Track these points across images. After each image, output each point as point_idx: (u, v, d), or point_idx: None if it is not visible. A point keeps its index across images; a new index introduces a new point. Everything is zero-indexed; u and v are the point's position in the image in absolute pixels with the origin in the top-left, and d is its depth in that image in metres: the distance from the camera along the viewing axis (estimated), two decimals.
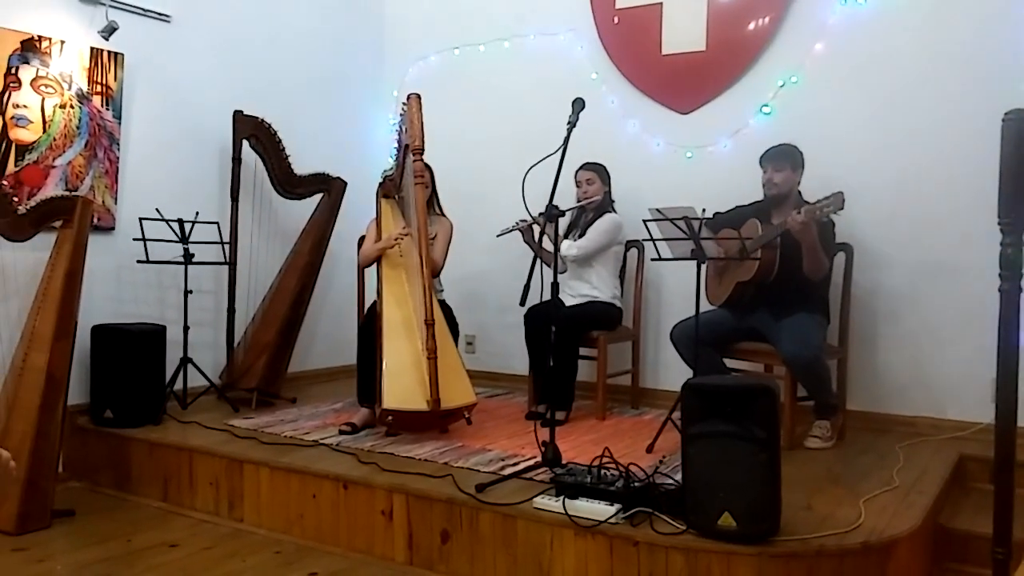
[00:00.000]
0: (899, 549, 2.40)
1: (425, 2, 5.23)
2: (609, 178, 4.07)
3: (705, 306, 3.36)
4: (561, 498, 2.53)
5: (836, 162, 3.72)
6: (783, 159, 3.50)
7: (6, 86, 3.48)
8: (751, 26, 4.14)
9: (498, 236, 4.08)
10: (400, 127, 3.75)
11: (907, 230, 3.77)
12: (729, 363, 3.63)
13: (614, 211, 4.06)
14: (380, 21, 5.39)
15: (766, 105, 4.09)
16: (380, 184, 3.92)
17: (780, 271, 3.40)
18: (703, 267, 3.25)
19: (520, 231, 4.01)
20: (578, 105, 3.17)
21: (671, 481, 2.65)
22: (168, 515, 3.33)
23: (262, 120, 4.30)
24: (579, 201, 4.00)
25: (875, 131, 3.83)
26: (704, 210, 3.23)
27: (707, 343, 3.37)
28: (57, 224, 3.40)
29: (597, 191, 4.01)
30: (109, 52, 3.84)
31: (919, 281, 3.75)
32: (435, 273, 3.74)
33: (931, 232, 3.72)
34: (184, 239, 3.89)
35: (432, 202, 3.90)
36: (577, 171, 4.02)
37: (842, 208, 3.13)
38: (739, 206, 3.69)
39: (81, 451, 3.69)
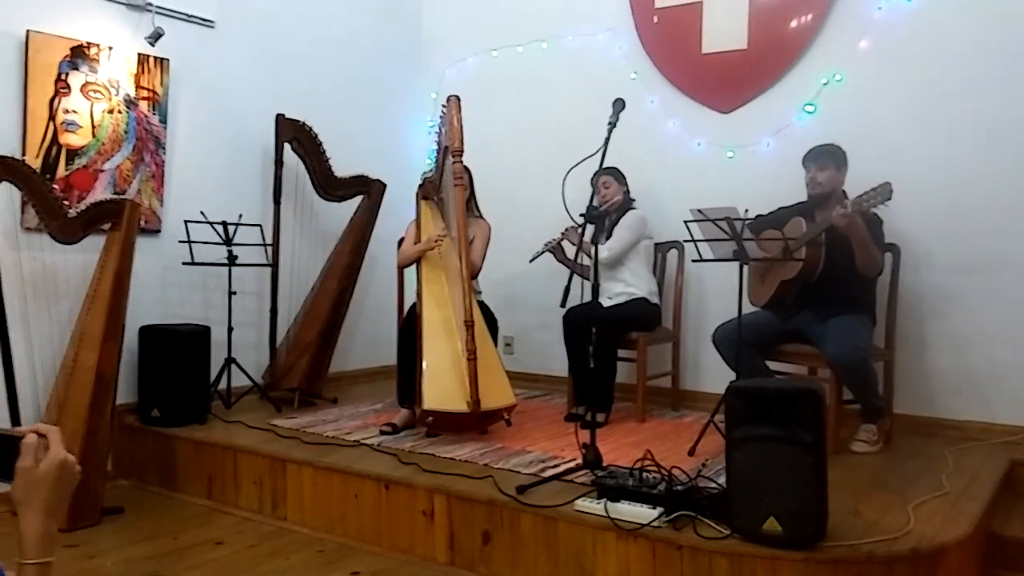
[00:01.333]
0: (949, 556, 2.35)
1: (463, 4, 5.25)
2: (624, 179, 4.07)
3: (747, 307, 3.32)
4: (603, 501, 2.51)
5: (881, 160, 3.65)
6: (826, 158, 3.45)
7: (56, 92, 3.57)
8: (793, 23, 4.08)
9: (530, 261, 4.10)
10: (439, 129, 3.77)
11: (955, 228, 3.69)
12: (772, 365, 3.59)
13: (634, 208, 4.05)
14: (418, 24, 5.43)
15: (809, 103, 4.03)
16: (419, 186, 3.95)
17: (825, 270, 3.34)
18: (745, 268, 3.21)
19: (551, 252, 4.02)
20: (618, 106, 3.15)
21: (714, 485, 2.62)
22: (213, 513, 3.39)
23: (303, 123, 4.35)
24: (600, 206, 3.99)
25: (921, 128, 3.75)
26: (747, 210, 3.19)
27: (750, 345, 3.33)
28: (106, 227, 3.47)
29: (616, 193, 4.03)
30: (155, 58, 3.91)
31: (968, 280, 3.67)
32: (474, 275, 3.75)
33: (980, 230, 3.63)
34: (228, 241, 3.95)
35: (471, 204, 3.92)
36: (594, 177, 4.00)
37: (890, 198, 3.07)
38: (782, 207, 3.64)
39: (129, 449, 3.77)
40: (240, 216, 4.02)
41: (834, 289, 3.34)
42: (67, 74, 3.60)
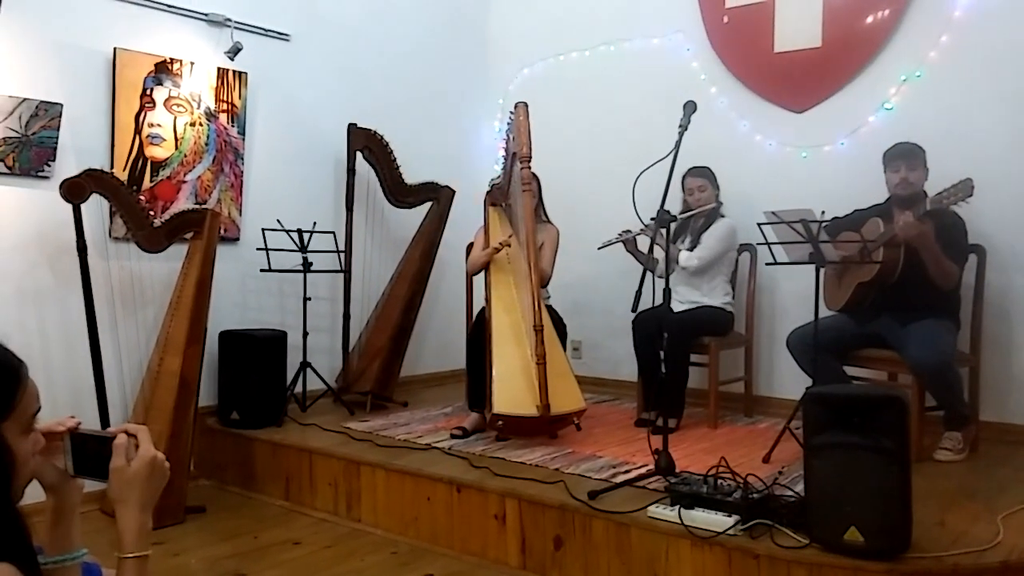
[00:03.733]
0: None
1: (528, 10, 5.27)
2: (717, 183, 3.98)
3: (823, 311, 3.24)
4: (677, 508, 2.49)
5: (964, 159, 3.51)
6: (917, 158, 3.34)
7: (142, 106, 3.72)
8: (870, 19, 3.97)
9: (599, 248, 4.05)
10: (507, 135, 3.79)
11: None
12: (849, 371, 3.49)
13: (724, 215, 3.97)
14: (484, 31, 5.47)
15: (887, 102, 3.92)
16: (488, 192, 3.98)
17: (904, 272, 3.24)
18: (821, 271, 3.14)
19: (623, 243, 3.97)
20: (690, 108, 3.12)
21: (791, 493, 2.56)
22: (290, 513, 3.47)
23: (375, 132, 4.43)
24: (691, 209, 3.92)
25: (1006, 125, 3.61)
26: (823, 212, 3.12)
27: (826, 350, 3.24)
28: (188, 236, 3.60)
29: (710, 198, 3.92)
30: (234, 71, 4.05)
31: None
32: (544, 282, 3.76)
33: None
34: (303, 248, 4.05)
35: (539, 210, 3.92)
36: (685, 177, 3.94)
37: (971, 195, 2.96)
38: (857, 210, 3.55)
39: (210, 451, 3.89)
40: (314, 224, 4.11)
41: (915, 292, 3.24)
42: (152, 89, 3.75)
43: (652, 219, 3.18)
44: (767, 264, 3.37)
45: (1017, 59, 3.59)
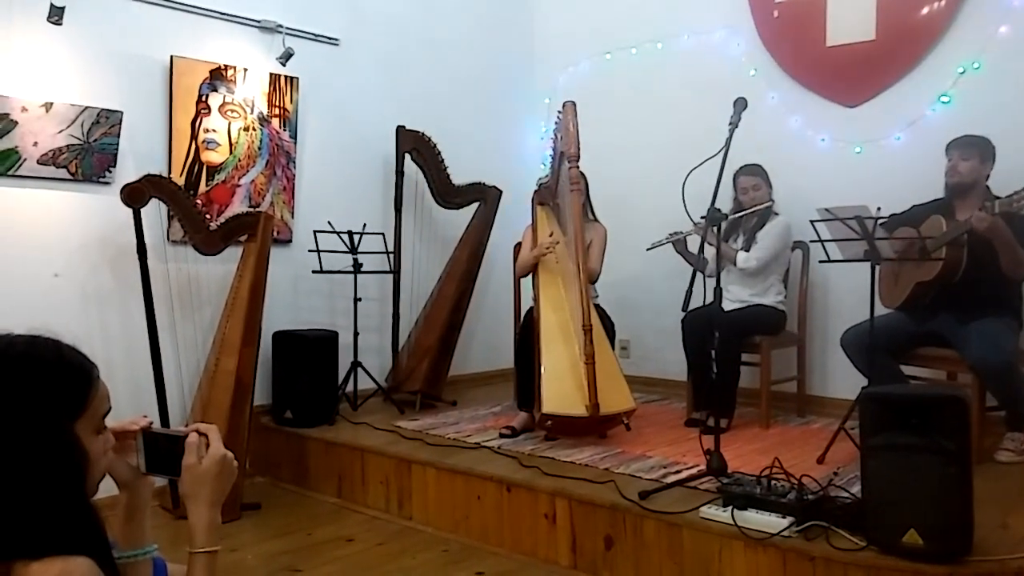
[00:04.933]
0: None
1: (574, 8, 5.26)
2: (770, 181, 3.91)
3: (879, 309, 3.18)
4: (730, 508, 2.46)
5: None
6: (971, 147, 3.26)
7: (198, 113, 3.81)
8: (925, 11, 3.88)
9: (648, 249, 4.03)
10: (555, 134, 3.79)
11: None
12: (906, 370, 3.42)
13: (777, 213, 3.91)
14: (530, 30, 5.48)
15: (944, 94, 3.82)
16: (535, 191, 3.98)
17: (967, 271, 3.16)
18: (877, 269, 3.08)
19: (672, 243, 3.93)
20: (740, 105, 3.09)
21: (847, 494, 2.52)
22: (343, 511, 3.53)
23: (422, 134, 4.47)
24: (744, 207, 3.86)
25: None
26: (879, 208, 3.06)
27: (883, 349, 3.19)
28: (243, 238, 3.68)
29: (764, 196, 3.84)
30: (286, 76, 4.12)
31: None
32: (592, 280, 3.75)
33: None
34: (353, 249, 4.10)
35: (587, 209, 3.92)
36: (737, 176, 3.88)
37: None
38: (916, 205, 3.47)
39: (264, 449, 3.97)
40: (364, 225, 4.17)
41: (976, 291, 3.15)
42: (207, 95, 3.84)
43: (702, 218, 3.15)
44: (820, 261, 3.32)
45: None
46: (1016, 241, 3.06)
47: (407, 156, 4.48)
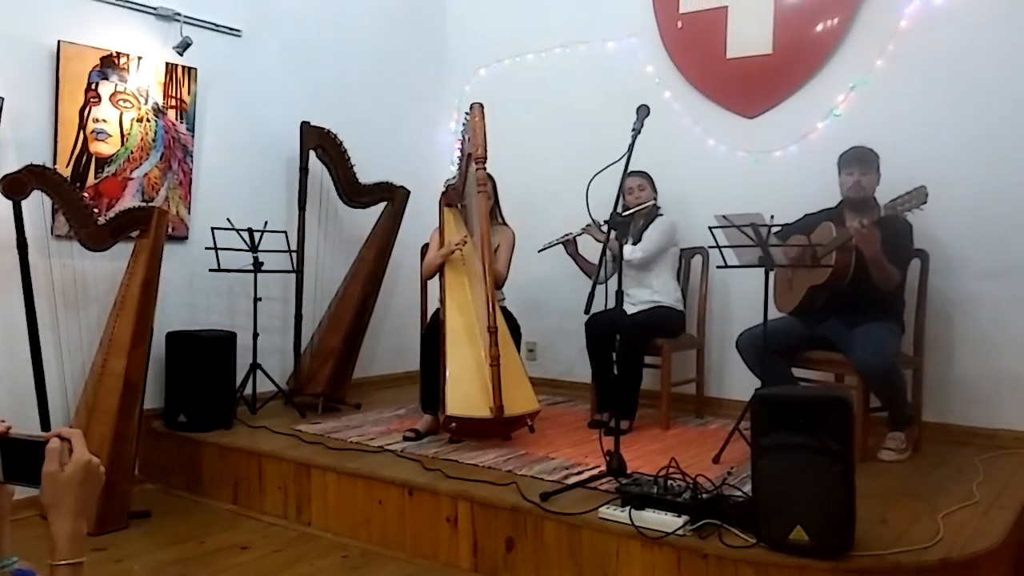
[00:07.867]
0: (980, 567, 2.31)
1: (485, 12, 5.26)
2: (655, 185, 4.04)
3: (772, 313, 3.29)
4: (627, 508, 2.50)
5: (911, 165, 3.59)
6: (870, 162, 3.42)
7: (87, 101, 3.62)
8: (819, 27, 4.05)
9: (540, 251, 4.08)
10: (463, 136, 3.78)
11: (987, 232, 3.63)
12: (797, 372, 3.55)
13: (662, 213, 4.04)
14: (442, 31, 5.45)
15: (836, 108, 4.00)
16: (443, 193, 3.96)
17: (855, 274, 3.30)
18: (771, 274, 3.18)
19: (563, 245, 4.01)
20: (643, 112, 3.14)
21: (740, 493, 2.60)
22: (239, 517, 3.41)
23: (328, 131, 4.38)
24: (629, 208, 3.96)
25: (953, 132, 3.70)
26: (772, 216, 3.17)
27: (775, 352, 3.30)
28: (134, 234, 3.52)
29: (649, 197, 4.00)
30: (183, 67, 3.96)
31: (1000, 285, 3.61)
32: (499, 284, 3.75)
33: (1013, 234, 3.58)
34: (254, 248, 3.98)
35: (495, 212, 3.92)
36: (625, 178, 3.97)
37: (925, 202, 3.01)
38: (808, 214, 3.61)
39: (155, 454, 3.80)
40: (265, 223, 4.05)
41: (862, 295, 3.31)
42: (97, 84, 3.65)
43: (592, 221, 3.21)
44: (718, 267, 3.41)
45: (960, 68, 3.69)
46: (883, 256, 3.21)
47: (312, 153, 4.38)
